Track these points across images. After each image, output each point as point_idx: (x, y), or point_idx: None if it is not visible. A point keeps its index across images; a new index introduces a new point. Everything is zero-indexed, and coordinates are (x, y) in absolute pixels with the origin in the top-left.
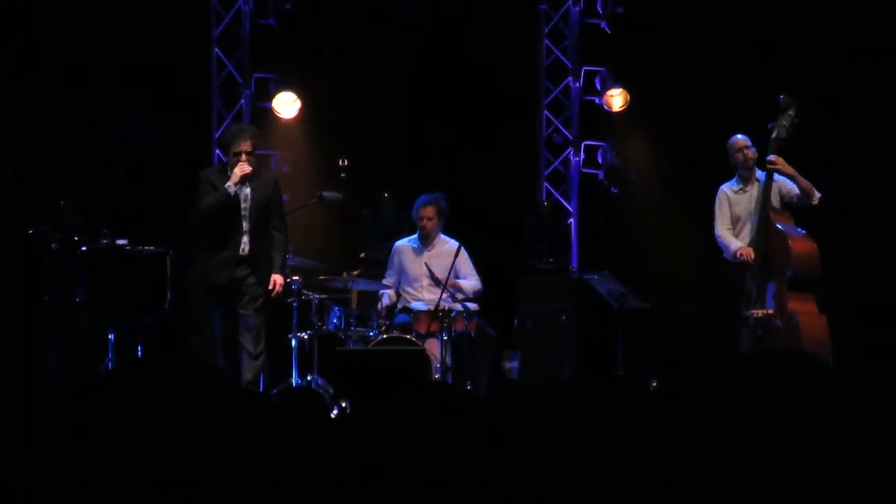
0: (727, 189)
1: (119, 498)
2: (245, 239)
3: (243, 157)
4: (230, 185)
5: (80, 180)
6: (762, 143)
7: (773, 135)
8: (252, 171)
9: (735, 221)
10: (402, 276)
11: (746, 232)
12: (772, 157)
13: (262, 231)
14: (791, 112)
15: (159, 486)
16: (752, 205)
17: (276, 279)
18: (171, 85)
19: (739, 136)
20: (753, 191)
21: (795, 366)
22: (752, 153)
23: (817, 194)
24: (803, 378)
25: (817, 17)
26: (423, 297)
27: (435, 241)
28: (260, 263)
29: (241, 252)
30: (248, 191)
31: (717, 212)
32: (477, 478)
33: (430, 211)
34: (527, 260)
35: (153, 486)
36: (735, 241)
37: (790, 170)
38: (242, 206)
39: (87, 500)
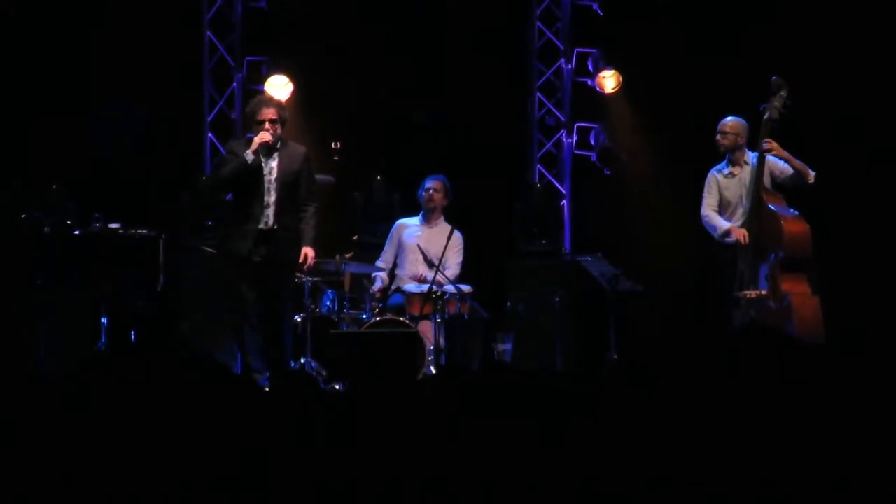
0: (717, 173)
1: (110, 481)
2: (269, 213)
3: (266, 125)
4: (248, 153)
5: (72, 164)
6: (755, 125)
7: (766, 116)
8: (272, 140)
9: (726, 206)
10: (401, 252)
11: (738, 216)
12: (766, 141)
13: (289, 206)
14: (783, 93)
15: (149, 470)
16: (742, 189)
17: (308, 252)
18: (163, 68)
19: (728, 117)
20: (743, 174)
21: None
22: (725, 140)
23: (812, 173)
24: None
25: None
26: (419, 270)
27: (437, 221)
28: (287, 239)
29: (264, 226)
30: (273, 163)
31: (706, 192)
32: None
33: (438, 184)
34: (519, 242)
35: (143, 469)
36: (723, 221)
37: (784, 153)
38: (266, 178)
39: (77, 482)
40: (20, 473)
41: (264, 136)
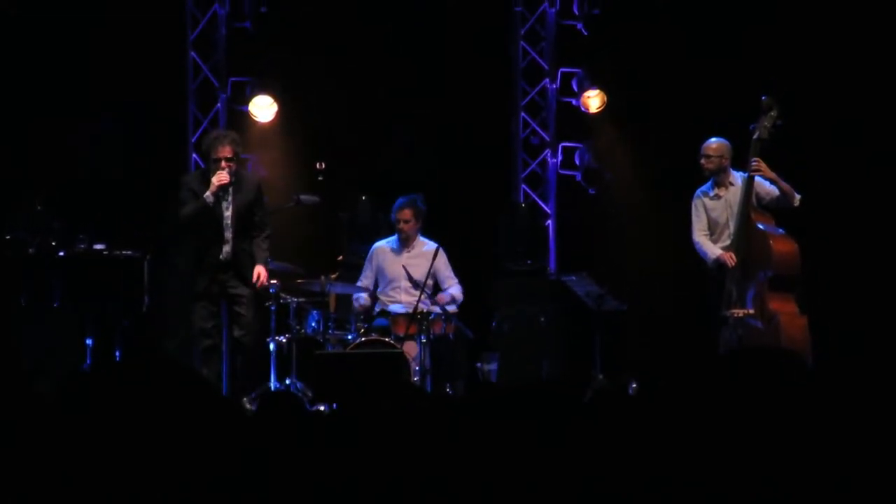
0: (702, 194)
1: (93, 499)
2: (227, 248)
3: (222, 164)
4: (208, 194)
5: (57, 185)
6: (744, 145)
7: (755, 136)
8: (230, 181)
9: (713, 227)
10: (381, 278)
11: (726, 236)
12: (754, 161)
13: (245, 235)
14: (773, 113)
15: (133, 487)
16: (728, 209)
17: (260, 270)
18: (148, 89)
19: (712, 140)
20: (728, 195)
21: (775, 364)
22: (710, 164)
23: (797, 196)
24: (783, 376)
25: (797, 17)
26: (401, 300)
27: (414, 243)
28: (242, 266)
29: (221, 258)
30: (230, 198)
31: (694, 217)
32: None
33: (407, 213)
34: (504, 261)
35: (127, 487)
36: (714, 247)
37: (771, 174)
38: (225, 214)
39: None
40: (21, 477)
41: (222, 177)
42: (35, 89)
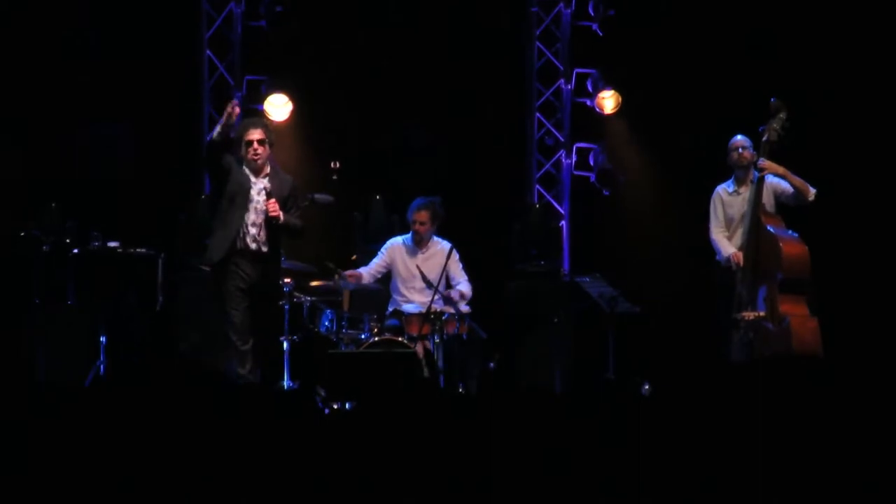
0: (721, 191)
1: (110, 497)
2: (255, 232)
3: (254, 145)
4: (214, 131)
5: (71, 183)
6: (754, 146)
7: (764, 138)
8: (236, 116)
9: (728, 223)
10: (395, 275)
11: (739, 234)
12: (761, 161)
13: (276, 231)
14: (782, 115)
15: (149, 486)
16: (745, 207)
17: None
18: (163, 87)
19: (739, 136)
20: (748, 193)
21: (790, 371)
22: (748, 154)
23: (812, 191)
24: (797, 381)
25: (808, 18)
26: (415, 299)
27: (429, 244)
28: (268, 261)
29: (250, 246)
30: (261, 185)
31: (712, 214)
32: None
33: (423, 215)
34: (517, 262)
35: (143, 486)
36: (729, 245)
37: (780, 170)
38: (255, 198)
39: (78, 499)
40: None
41: (229, 110)
42: (46, 89)
